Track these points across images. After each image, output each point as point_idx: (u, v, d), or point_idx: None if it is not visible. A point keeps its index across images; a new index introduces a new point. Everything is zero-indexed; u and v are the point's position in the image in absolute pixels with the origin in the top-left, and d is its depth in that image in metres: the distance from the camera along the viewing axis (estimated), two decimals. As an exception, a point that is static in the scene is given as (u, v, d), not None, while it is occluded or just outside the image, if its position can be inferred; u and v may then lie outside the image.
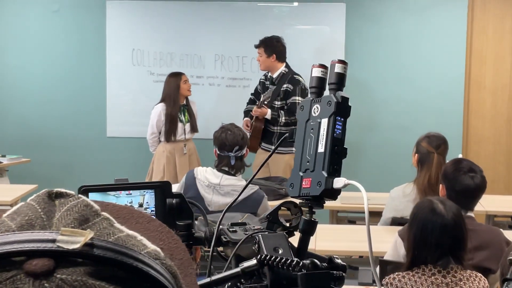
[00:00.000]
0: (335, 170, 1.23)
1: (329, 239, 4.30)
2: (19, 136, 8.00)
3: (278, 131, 6.73)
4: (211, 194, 4.30)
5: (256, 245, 1.21)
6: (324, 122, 1.24)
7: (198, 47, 7.76)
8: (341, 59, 1.30)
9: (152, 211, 1.36)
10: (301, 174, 1.24)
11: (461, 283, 2.72)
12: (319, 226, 4.63)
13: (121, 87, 7.93)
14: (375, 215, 5.13)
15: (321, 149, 1.23)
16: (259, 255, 1.14)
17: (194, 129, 6.96)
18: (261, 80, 7.02)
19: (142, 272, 0.61)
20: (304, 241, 1.23)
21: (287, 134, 1.30)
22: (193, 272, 0.74)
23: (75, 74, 7.97)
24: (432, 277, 2.73)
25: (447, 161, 4.06)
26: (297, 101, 6.65)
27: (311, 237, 4.29)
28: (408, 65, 7.67)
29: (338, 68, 1.29)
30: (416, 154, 4.47)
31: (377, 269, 3.67)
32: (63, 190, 0.66)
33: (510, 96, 7.70)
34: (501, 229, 3.81)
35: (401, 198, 4.49)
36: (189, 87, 6.90)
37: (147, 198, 1.36)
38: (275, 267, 1.12)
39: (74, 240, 0.59)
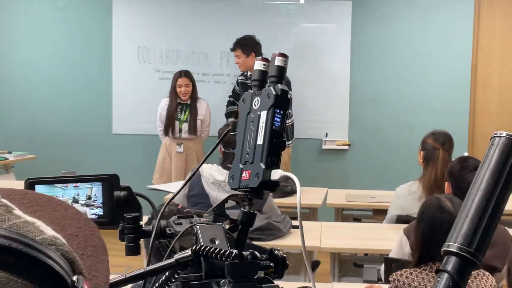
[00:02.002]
0: (273, 162, 1.22)
1: (334, 237, 4.30)
2: (25, 132, 8.02)
3: None
4: (216, 191, 4.31)
5: (194, 236, 1.23)
6: (263, 114, 1.24)
7: (204, 45, 7.77)
8: (282, 52, 1.30)
9: (100, 203, 1.37)
10: (241, 166, 1.25)
11: (469, 281, 2.72)
12: (324, 224, 4.61)
13: (127, 85, 7.94)
14: (381, 213, 5.13)
15: (260, 141, 1.23)
16: (194, 246, 1.16)
17: (191, 130, 6.89)
18: (240, 80, 7.01)
19: (33, 258, 0.62)
20: (243, 232, 1.24)
21: (230, 127, 1.32)
22: (106, 259, 0.75)
23: (81, 71, 7.98)
24: (439, 275, 2.73)
25: (453, 159, 4.05)
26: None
27: (317, 235, 4.27)
28: (414, 63, 7.66)
29: (278, 61, 1.29)
30: (422, 152, 4.47)
31: (382, 266, 3.66)
32: None
33: (516, 94, 7.69)
34: (507, 228, 3.80)
35: (407, 196, 4.49)
36: (182, 91, 6.86)
37: (95, 191, 1.38)
38: (209, 257, 1.14)
39: None
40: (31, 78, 8.03)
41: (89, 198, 1.37)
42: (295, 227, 4.29)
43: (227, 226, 1.26)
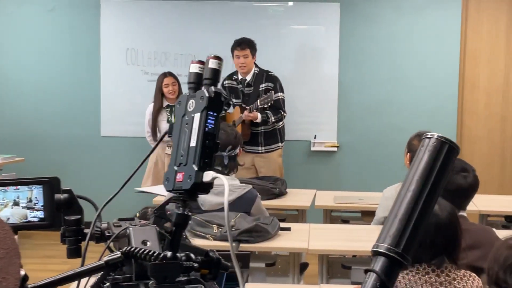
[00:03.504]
0: (206, 164, 1.24)
1: (322, 239, 4.31)
2: (13, 135, 7.99)
3: (263, 130, 6.75)
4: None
5: (127, 238, 1.24)
6: (197, 116, 1.26)
7: (192, 47, 7.76)
8: (216, 55, 1.31)
9: (41, 206, 1.38)
10: (175, 168, 1.27)
11: (455, 282, 2.73)
12: (312, 226, 4.60)
13: (115, 87, 7.92)
14: (369, 215, 5.13)
15: (193, 143, 1.25)
16: (124, 248, 1.18)
17: None
18: (227, 84, 6.94)
19: None
20: (176, 234, 1.25)
21: (167, 129, 1.34)
22: (18, 262, 0.76)
23: (69, 73, 7.96)
24: (426, 276, 2.74)
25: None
26: (280, 97, 6.67)
27: (305, 237, 4.25)
28: (402, 65, 7.68)
29: (212, 64, 1.30)
30: (408, 153, 4.46)
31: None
32: None
33: (504, 96, 7.72)
34: (494, 229, 3.81)
35: (394, 198, 4.48)
36: (170, 91, 6.89)
37: (36, 194, 1.38)
38: (138, 258, 1.16)
39: None
40: (19, 80, 8.00)
41: (30, 201, 1.38)
42: (283, 229, 4.29)
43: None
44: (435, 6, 7.60)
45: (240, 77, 6.84)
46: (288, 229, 4.33)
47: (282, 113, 6.76)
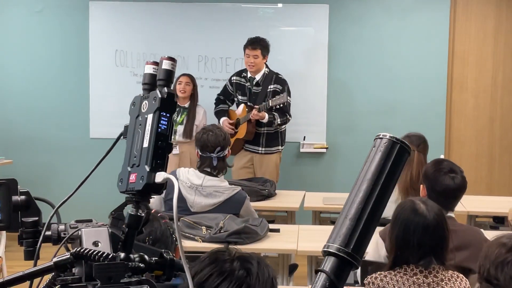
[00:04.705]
0: (158, 164, 1.25)
1: (311, 240, 4.31)
2: (1, 137, 7.95)
3: (266, 132, 6.76)
4: (193, 195, 4.30)
5: (79, 240, 1.25)
6: (150, 117, 1.27)
7: (182, 48, 7.75)
8: (170, 56, 1.31)
9: None
10: (129, 169, 1.28)
11: (443, 283, 2.74)
12: (301, 227, 4.60)
13: (105, 88, 7.90)
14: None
15: (146, 144, 1.26)
16: (74, 249, 1.18)
17: (187, 133, 6.89)
18: (235, 81, 6.95)
19: None
20: (129, 235, 1.25)
21: (122, 131, 1.35)
22: None
23: (58, 75, 7.93)
24: (414, 277, 2.75)
25: (429, 162, 4.09)
26: (288, 100, 6.66)
27: (294, 238, 4.25)
28: (391, 66, 7.70)
29: (165, 65, 1.30)
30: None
31: (358, 269, 3.68)
32: None
33: (492, 97, 7.76)
34: (482, 230, 3.83)
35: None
36: (181, 89, 6.92)
37: None
38: (88, 259, 1.16)
39: None
40: (7, 82, 7.97)
41: None
42: (272, 230, 4.30)
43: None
44: (424, 8, 7.63)
45: (249, 75, 6.85)
46: (277, 230, 4.34)
47: (288, 116, 6.76)
